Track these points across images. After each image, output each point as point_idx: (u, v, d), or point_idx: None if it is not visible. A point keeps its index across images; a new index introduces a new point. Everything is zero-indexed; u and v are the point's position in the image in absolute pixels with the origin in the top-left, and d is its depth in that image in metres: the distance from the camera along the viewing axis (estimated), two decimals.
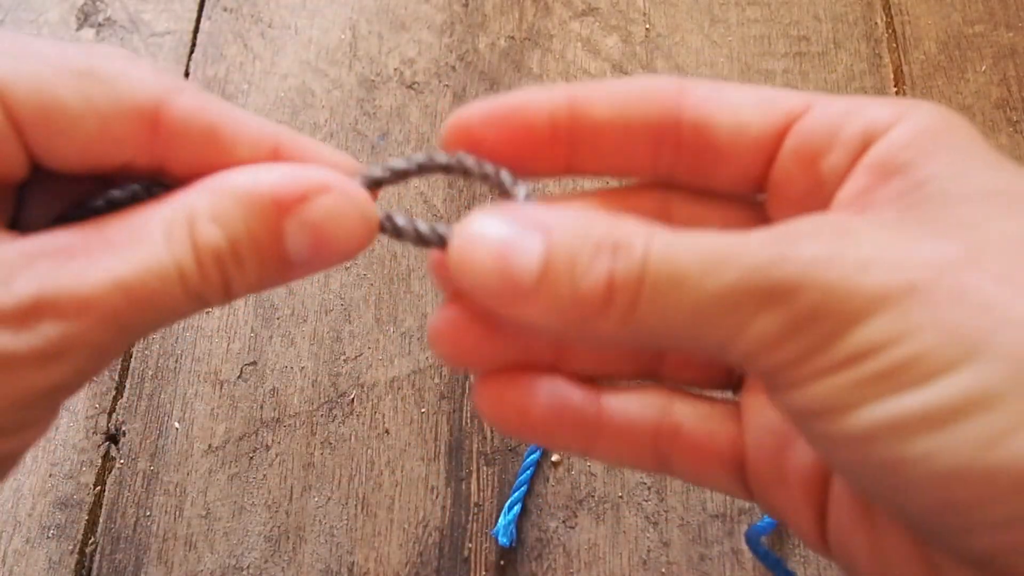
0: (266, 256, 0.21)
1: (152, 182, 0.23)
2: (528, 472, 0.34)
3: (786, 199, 0.24)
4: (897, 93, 0.42)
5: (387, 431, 0.36)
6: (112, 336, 0.20)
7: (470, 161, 0.24)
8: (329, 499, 0.35)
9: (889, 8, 0.44)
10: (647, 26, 0.45)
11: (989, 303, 0.17)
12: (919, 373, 0.17)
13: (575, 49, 0.44)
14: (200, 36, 0.45)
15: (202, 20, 0.45)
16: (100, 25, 0.45)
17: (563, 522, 0.34)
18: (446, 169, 0.24)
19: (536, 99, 0.24)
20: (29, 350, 0.19)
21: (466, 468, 0.35)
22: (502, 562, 0.34)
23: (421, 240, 0.24)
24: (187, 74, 0.44)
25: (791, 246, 0.19)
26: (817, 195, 0.23)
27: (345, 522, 0.34)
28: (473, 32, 0.45)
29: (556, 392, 0.25)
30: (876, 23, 0.44)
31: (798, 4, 0.45)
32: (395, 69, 0.44)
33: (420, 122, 0.43)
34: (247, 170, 0.22)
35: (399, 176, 0.24)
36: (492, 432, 0.36)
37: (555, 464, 0.35)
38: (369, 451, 0.36)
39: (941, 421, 0.17)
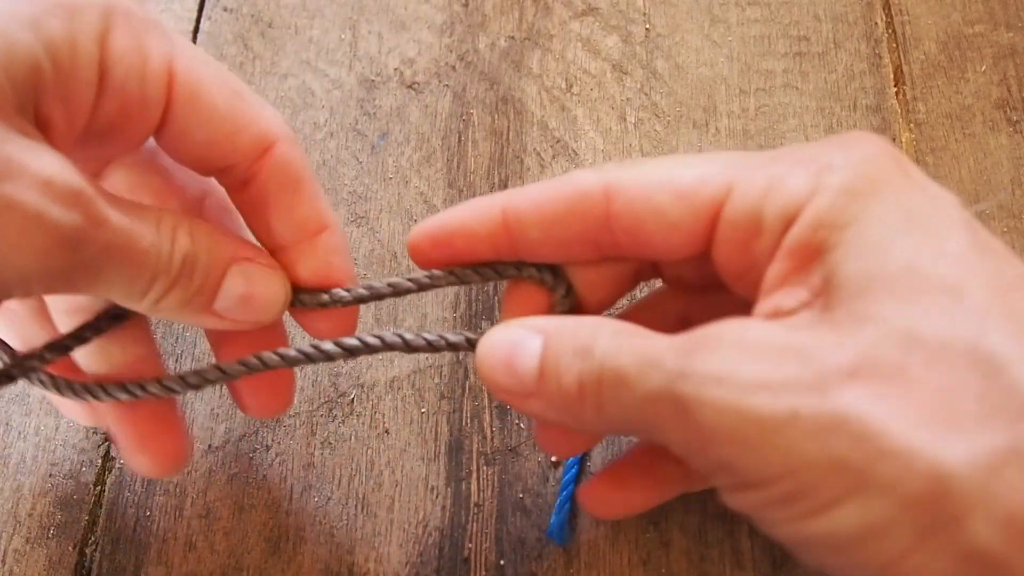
0: (210, 277, 0.26)
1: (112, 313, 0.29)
2: (574, 470, 0.34)
3: (732, 277, 0.25)
4: (897, 93, 0.42)
5: (387, 431, 0.36)
6: (57, 218, 0.21)
7: (508, 269, 0.27)
8: (329, 499, 0.35)
9: (889, 8, 0.44)
10: (647, 26, 0.45)
11: (867, 432, 0.18)
12: (812, 505, 0.19)
13: (575, 49, 0.44)
14: (200, 36, 0.45)
15: (202, 20, 0.45)
16: None
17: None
18: (422, 288, 0.28)
19: (473, 221, 0.27)
20: None
21: (466, 468, 0.35)
22: (502, 562, 0.34)
23: (453, 348, 0.28)
24: None
25: (693, 359, 0.20)
26: (754, 275, 0.23)
27: (345, 522, 0.34)
28: (473, 32, 0.45)
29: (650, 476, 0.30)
30: (876, 23, 0.44)
31: (798, 4, 0.45)
32: (395, 69, 0.44)
33: (420, 122, 0.43)
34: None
35: (375, 297, 0.29)
36: (492, 432, 0.36)
37: (555, 464, 0.35)
38: (369, 451, 0.36)
39: (839, 547, 0.19)
